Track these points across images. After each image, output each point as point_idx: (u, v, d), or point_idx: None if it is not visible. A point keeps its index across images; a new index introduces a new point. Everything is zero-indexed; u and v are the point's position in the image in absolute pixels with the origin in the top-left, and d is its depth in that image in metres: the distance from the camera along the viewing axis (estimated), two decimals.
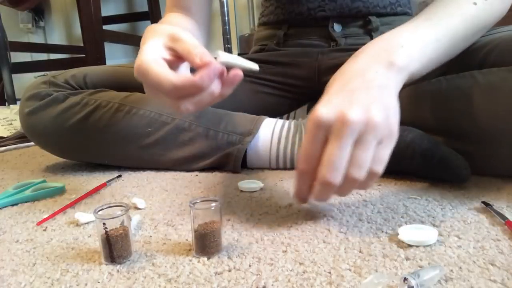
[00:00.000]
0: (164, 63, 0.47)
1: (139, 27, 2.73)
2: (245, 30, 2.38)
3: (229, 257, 0.42)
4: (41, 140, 0.81)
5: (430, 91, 0.64)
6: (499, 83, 0.57)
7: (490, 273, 0.36)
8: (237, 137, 0.74)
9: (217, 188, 0.66)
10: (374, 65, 0.46)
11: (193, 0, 0.75)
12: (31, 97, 0.78)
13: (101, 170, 0.82)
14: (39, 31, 2.89)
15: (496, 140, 0.59)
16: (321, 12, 0.86)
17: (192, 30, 0.70)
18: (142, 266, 0.41)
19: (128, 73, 0.84)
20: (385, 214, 0.51)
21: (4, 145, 1.22)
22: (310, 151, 0.43)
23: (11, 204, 0.63)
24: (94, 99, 0.76)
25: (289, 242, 0.44)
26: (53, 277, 0.40)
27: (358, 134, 0.41)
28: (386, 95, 0.44)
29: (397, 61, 0.46)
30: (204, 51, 0.45)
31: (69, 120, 0.76)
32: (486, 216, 0.48)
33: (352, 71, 0.46)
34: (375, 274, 0.35)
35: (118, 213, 0.41)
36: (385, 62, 0.46)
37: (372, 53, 0.47)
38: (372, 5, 0.84)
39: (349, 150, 0.41)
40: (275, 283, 0.36)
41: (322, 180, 0.42)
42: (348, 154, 0.41)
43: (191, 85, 0.43)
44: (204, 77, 0.43)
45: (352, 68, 0.46)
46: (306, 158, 0.43)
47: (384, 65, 0.46)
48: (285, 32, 0.91)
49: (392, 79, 0.45)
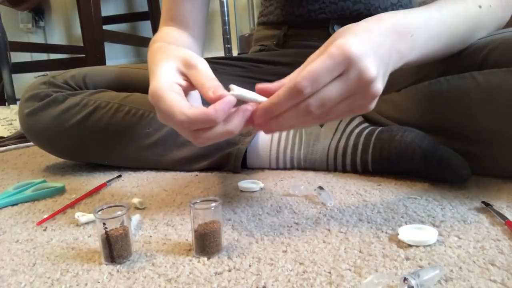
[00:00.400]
0: (180, 90, 0.46)
1: (139, 27, 2.73)
2: (245, 30, 2.38)
3: (229, 257, 0.42)
4: (41, 141, 0.81)
5: (430, 91, 0.64)
6: (499, 84, 0.57)
7: (490, 273, 0.36)
8: (237, 137, 0.74)
9: (217, 188, 0.66)
10: (387, 40, 0.45)
11: (190, 15, 0.75)
12: (31, 97, 0.78)
13: (101, 170, 0.82)
14: (39, 31, 2.89)
15: (496, 141, 0.59)
16: (322, 14, 0.85)
17: (189, 47, 0.69)
18: (142, 266, 0.41)
19: (128, 73, 0.84)
20: (385, 214, 0.51)
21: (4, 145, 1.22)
22: (319, 76, 0.39)
23: (11, 204, 0.63)
24: (94, 100, 0.76)
25: (289, 242, 0.44)
26: (53, 277, 0.40)
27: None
28: (387, 73, 0.45)
29: (403, 51, 0.46)
30: (218, 84, 0.44)
31: (68, 120, 0.76)
32: (486, 216, 0.48)
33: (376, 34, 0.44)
34: (375, 274, 0.35)
35: (118, 213, 0.41)
36: (394, 47, 0.45)
37: (389, 29, 0.46)
38: (374, 7, 0.84)
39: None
40: (275, 283, 0.36)
41: (306, 107, 0.40)
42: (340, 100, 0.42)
43: (205, 118, 0.42)
44: (218, 110, 0.41)
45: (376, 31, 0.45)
46: (312, 80, 0.39)
47: (394, 49, 0.45)
48: (285, 33, 0.90)
49: (392, 64, 0.46)
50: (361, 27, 0.44)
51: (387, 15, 0.47)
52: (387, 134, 0.65)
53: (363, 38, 0.42)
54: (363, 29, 0.43)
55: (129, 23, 2.73)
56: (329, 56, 0.39)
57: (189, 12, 0.75)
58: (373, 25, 0.45)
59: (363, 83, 0.40)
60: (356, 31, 0.43)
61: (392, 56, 0.45)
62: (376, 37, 0.43)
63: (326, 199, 0.55)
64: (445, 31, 0.53)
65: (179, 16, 0.75)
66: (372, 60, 0.41)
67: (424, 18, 0.50)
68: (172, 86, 0.46)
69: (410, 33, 0.47)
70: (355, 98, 0.42)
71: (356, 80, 0.40)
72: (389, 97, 0.73)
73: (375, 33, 0.44)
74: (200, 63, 0.47)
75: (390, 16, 0.47)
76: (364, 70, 0.40)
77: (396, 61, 0.46)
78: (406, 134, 0.63)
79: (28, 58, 2.60)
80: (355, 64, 0.40)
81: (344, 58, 0.39)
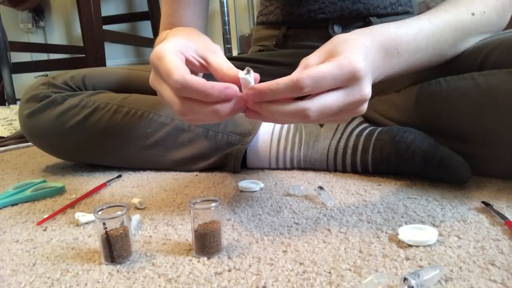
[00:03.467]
0: (183, 59, 0.46)
1: (139, 27, 2.73)
2: (245, 30, 2.38)
3: (229, 257, 0.42)
4: (41, 142, 0.81)
5: (430, 92, 0.64)
6: (499, 85, 0.57)
7: (490, 273, 0.36)
8: (237, 137, 0.74)
9: (217, 188, 0.66)
10: (376, 58, 0.46)
11: (190, 21, 0.75)
12: (30, 98, 0.78)
13: (101, 170, 0.82)
14: (39, 31, 2.89)
15: (496, 142, 0.59)
16: (321, 14, 0.85)
17: None
18: (142, 266, 0.41)
19: (127, 74, 0.84)
20: (385, 214, 0.51)
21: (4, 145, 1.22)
22: (323, 80, 0.40)
23: (11, 204, 0.63)
24: (93, 101, 0.76)
25: (289, 242, 0.44)
26: (53, 277, 0.40)
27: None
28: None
29: (381, 69, 0.48)
30: (234, 68, 0.44)
31: (68, 122, 0.76)
32: (486, 216, 0.48)
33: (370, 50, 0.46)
34: (375, 274, 0.35)
35: (118, 213, 0.41)
36: (377, 64, 0.46)
37: (380, 47, 0.47)
38: (373, 7, 0.84)
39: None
40: (275, 283, 0.36)
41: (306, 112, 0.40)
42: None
43: (201, 88, 0.41)
44: (216, 88, 0.41)
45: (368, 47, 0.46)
46: (316, 81, 0.39)
47: (376, 66, 0.46)
48: (284, 33, 0.90)
49: (373, 79, 0.46)
50: (360, 43, 0.45)
51: (379, 30, 0.49)
52: (387, 134, 0.65)
53: (365, 56, 0.43)
54: (363, 46, 0.44)
55: (129, 23, 2.73)
56: (338, 65, 0.40)
57: (190, 17, 0.75)
58: (368, 42, 0.46)
59: (360, 99, 0.42)
60: (358, 47, 0.44)
61: (374, 72, 0.46)
62: (371, 55, 0.45)
63: (326, 199, 0.55)
64: (433, 42, 0.54)
65: (180, 22, 0.75)
66: (369, 80, 0.43)
67: (415, 32, 0.51)
68: (177, 53, 0.46)
69: (396, 49, 0.49)
70: (347, 111, 0.43)
71: (356, 95, 0.41)
72: (389, 98, 0.73)
73: (371, 51, 0.45)
74: (220, 52, 0.48)
75: (381, 32, 0.48)
76: (364, 88, 0.42)
77: (377, 78, 0.48)
78: (406, 135, 0.63)
79: (28, 58, 2.60)
80: (358, 81, 0.41)
81: (351, 72, 0.40)
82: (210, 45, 0.50)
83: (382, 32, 0.49)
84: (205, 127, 0.75)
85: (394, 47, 0.49)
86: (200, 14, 0.77)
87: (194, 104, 0.43)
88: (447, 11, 0.56)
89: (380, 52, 0.47)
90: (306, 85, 0.39)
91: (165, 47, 0.45)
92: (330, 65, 0.40)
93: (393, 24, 0.51)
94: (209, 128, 0.74)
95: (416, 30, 0.52)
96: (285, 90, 0.40)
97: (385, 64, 0.48)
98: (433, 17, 0.55)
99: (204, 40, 0.51)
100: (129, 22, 2.72)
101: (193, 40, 0.50)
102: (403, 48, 0.49)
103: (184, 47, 0.47)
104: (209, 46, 0.49)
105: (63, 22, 2.86)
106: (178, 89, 0.42)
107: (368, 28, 0.49)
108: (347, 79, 0.41)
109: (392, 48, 0.48)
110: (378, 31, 0.48)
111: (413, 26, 0.52)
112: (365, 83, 0.42)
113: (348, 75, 0.40)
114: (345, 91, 0.41)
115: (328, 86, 0.41)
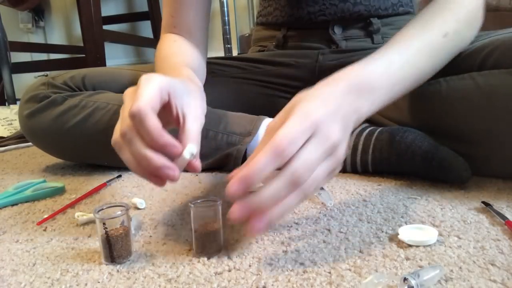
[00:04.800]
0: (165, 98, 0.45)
1: (139, 27, 2.73)
2: (245, 30, 2.38)
3: (229, 257, 0.42)
4: (41, 142, 0.81)
5: (430, 92, 0.64)
6: (499, 86, 0.57)
7: (490, 273, 0.36)
8: (237, 137, 0.74)
9: (217, 188, 0.66)
10: (345, 101, 0.45)
11: (192, 22, 0.75)
12: (30, 99, 0.78)
13: (101, 170, 0.82)
14: (39, 31, 2.89)
15: (496, 142, 0.59)
16: (322, 16, 0.85)
17: (194, 60, 0.70)
18: (142, 266, 0.41)
19: (126, 74, 0.84)
20: (385, 214, 0.51)
21: (4, 145, 1.22)
22: (295, 137, 0.38)
23: (11, 204, 0.63)
24: (93, 101, 0.76)
25: (289, 242, 0.44)
26: (53, 277, 0.40)
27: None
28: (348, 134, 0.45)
29: (361, 109, 0.46)
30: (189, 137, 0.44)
31: (68, 122, 0.76)
32: (486, 216, 0.48)
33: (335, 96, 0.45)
34: (375, 274, 0.35)
35: (118, 213, 0.41)
36: (353, 107, 0.45)
37: (346, 89, 0.46)
38: (374, 8, 0.84)
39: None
40: (275, 283, 0.36)
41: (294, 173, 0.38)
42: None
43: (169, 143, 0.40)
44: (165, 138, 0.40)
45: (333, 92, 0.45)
46: (289, 139, 0.38)
47: (352, 109, 0.45)
48: (284, 34, 0.90)
49: (352, 124, 0.45)
50: (319, 92, 0.44)
51: (342, 74, 0.48)
52: (387, 134, 0.65)
53: (323, 101, 0.42)
54: (322, 93, 0.44)
55: (129, 23, 2.73)
56: (298, 119, 0.40)
57: (192, 19, 0.75)
58: (330, 88, 0.45)
59: (330, 145, 0.40)
60: (316, 95, 0.43)
61: (351, 116, 0.45)
62: (334, 99, 0.43)
63: (326, 199, 0.55)
64: (410, 73, 0.52)
65: (182, 24, 0.75)
66: (335, 124, 0.41)
67: (384, 66, 0.50)
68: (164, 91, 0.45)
69: (370, 87, 0.47)
70: (329, 160, 0.41)
71: (324, 141, 0.40)
72: None
73: (333, 95, 0.44)
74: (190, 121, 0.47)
75: (345, 75, 0.47)
76: (329, 133, 0.40)
77: (357, 120, 0.46)
78: (406, 135, 0.63)
79: (28, 58, 2.60)
80: (321, 126, 0.40)
81: (309, 122, 0.40)
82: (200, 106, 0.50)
83: (346, 74, 0.48)
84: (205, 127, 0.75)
85: (364, 86, 0.47)
86: (202, 15, 0.77)
87: (136, 136, 0.42)
88: (418, 37, 0.54)
89: (351, 93, 0.46)
90: (285, 145, 0.37)
91: (159, 79, 0.45)
92: (291, 122, 0.39)
93: (357, 65, 0.50)
94: (209, 128, 0.74)
95: (385, 65, 0.50)
96: (269, 160, 0.37)
97: (362, 103, 0.46)
98: (403, 48, 0.53)
99: (199, 99, 0.52)
100: (129, 22, 2.72)
101: (189, 94, 0.49)
102: (376, 85, 0.48)
103: (175, 90, 0.47)
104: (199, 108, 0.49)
105: (63, 22, 2.86)
106: (134, 112, 0.40)
107: (331, 76, 0.48)
108: (309, 129, 0.39)
109: (363, 87, 0.47)
110: (341, 75, 0.48)
111: (382, 61, 0.50)
112: (330, 127, 0.40)
113: (308, 125, 0.39)
114: (313, 139, 0.40)
115: (302, 142, 0.39)
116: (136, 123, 0.41)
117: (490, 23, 1.51)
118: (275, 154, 0.37)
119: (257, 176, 0.37)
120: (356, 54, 0.83)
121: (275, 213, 0.38)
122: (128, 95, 0.46)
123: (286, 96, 0.89)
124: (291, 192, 0.38)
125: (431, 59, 0.55)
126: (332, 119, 0.41)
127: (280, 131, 0.38)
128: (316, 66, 0.86)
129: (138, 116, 0.40)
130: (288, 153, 0.38)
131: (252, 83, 0.88)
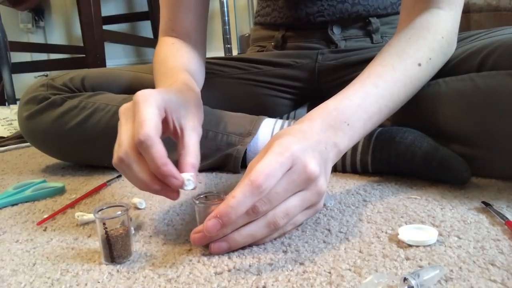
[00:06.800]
0: (163, 114, 0.46)
1: (139, 27, 2.74)
2: (245, 30, 2.38)
3: (229, 257, 0.42)
4: (40, 144, 0.81)
5: (429, 93, 0.64)
6: (498, 87, 0.56)
7: (490, 273, 0.36)
8: (237, 138, 0.73)
9: (217, 188, 0.66)
10: (322, 137, 0.46)
11: (191, 25, 0.75)
12: (29, 100, 0.78)
13: (101, 170, 0.82)
14: (39, 31, 2.89)
15: (496, 143, 0.58)
16: (320, 17, 0.85)
17: (191, 60, 0.71)
18: (142, 266, 0.41)
19: (126, 75, 0.84)
20: (385, 214, 0.51)
21: (4, 145, 1.22)
22: (273, 171, 0.39)
23: (11, 204, 0.63)
24: (92, 102, 0.76)
25: (289, 242, 0.44)
26: (53, 277, 0.40)
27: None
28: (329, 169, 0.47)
29: (340, 144, 0.48)
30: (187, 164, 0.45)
31: (67, 123, 0.75)
32: (486, 216, 0.48)
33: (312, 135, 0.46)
34: (375, 274, 0.35)
35: (118, 213, 0.41)
36: (331, 142, 0.47)
37: (323, 126, 0.48)
38: (373, 8, 0.84)
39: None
40: (275, 283, 0.36)
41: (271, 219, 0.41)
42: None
43: (158, 156, 0.41)
44: (168, 167, 0.42)
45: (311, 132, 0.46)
46: (266, 175, 0.39)
47: (330, 144, 0.47)
48: (283, 35, 0.90)
49: (332, 159, 0.47)
50: (295, 130, 0.45)
51: (315, 113, 0.49)
52: (387, 135, 0.65)
53: (300, 138, 0.44)
54: (298, 131, 0.45)
55: (129, 23, 2.73)
56: (274, 154, 0.41)
57: (190, 22, 0.75)
58: (305, 127, 0.46)
59: (307, 176, 0.41)
60: (293, 132, 0.45)
61: (330, 151, 0.46)
62: (311, 136, 0.45)
63: (326, 199, 0.55)
64: (385, 104, 0.53)
65: (181, 27, 0.75)
66: (312, 157, 0.42)
67: (359, 101, 0.51)
68: (161, 108, 0.46)
69: (345, 122, 0.49)
70: (306, 194, 0.42)
71: (302, 173, 0.41)
72: None
73: (309, 133, 0.45)
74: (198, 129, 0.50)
75: (319, 113, 0.49)
76: (306, 165, 0.41)
77: (336, 154, 0.48)
78: (406, 135, 0.63)
79: (28, 58, 2.60)
80: (298, 159, 0.41)
81: (288, 154, 0.41)
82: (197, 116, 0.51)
83: (320, 112, 0.49)
84: (204, 127, 0.75)
85: (341, 121, 0.49)
86: (200, 18, 0.77)
87: (137, 158, 0.43)
88: (394, 68, 0.55)
89: (328, 130, 0.47)
90: (262, 180, 0.39)
91: (156, 98, 0.45)
92: (269, 157, 0.40)
93: (331, 101, 0.51)
94: (209, 128, 0.74)
95: (360, 99, 0.51)
96: (247, 197, 0.38)
97: (341, 137, 0.48)
98: (378, 80, 0.54)
99: (196, 108, 0.53)
100: (129, 22, 2.72)
101: (185, 105, 0.50)
102: (352, 119, 0.49)
103: (171, 105, 0.47)
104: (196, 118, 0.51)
105: (63, 22, 2.86)
106: (141, 140, 0.42)
107: (306, 115, 0.49)
108: (288, 162, 0.41)
109: (339, 123, 0.48)
110: (315, 114, 0.49)
111: (356, 96, 0.52)
112: (306, 159, 0.41)
113: (287, 157, 0.41)
114: (290, 172, 0.41)
115: (280, 175, 0.40)
116: (142, 150, 0.42)
117: (490, 23, 1.51)
118: (252, 189, 0.39)
119: (235, 213, 0.39)
120: (355, 54, 0.83)
121: (243, 243, 0.42)
122: (125, 113, 0.47)
123: (285, 96, 0.89)
124: (270, 234, 0.42)
125: (406, 89, 0.56)
126: (310, 153, 0.43)
127: (257, 167, 0.40)
128: (315, 66, 0.86)
129: (145, 144, 0.41)
130: (265, 187, 0.39)
131: (251, 83, 0.88)
